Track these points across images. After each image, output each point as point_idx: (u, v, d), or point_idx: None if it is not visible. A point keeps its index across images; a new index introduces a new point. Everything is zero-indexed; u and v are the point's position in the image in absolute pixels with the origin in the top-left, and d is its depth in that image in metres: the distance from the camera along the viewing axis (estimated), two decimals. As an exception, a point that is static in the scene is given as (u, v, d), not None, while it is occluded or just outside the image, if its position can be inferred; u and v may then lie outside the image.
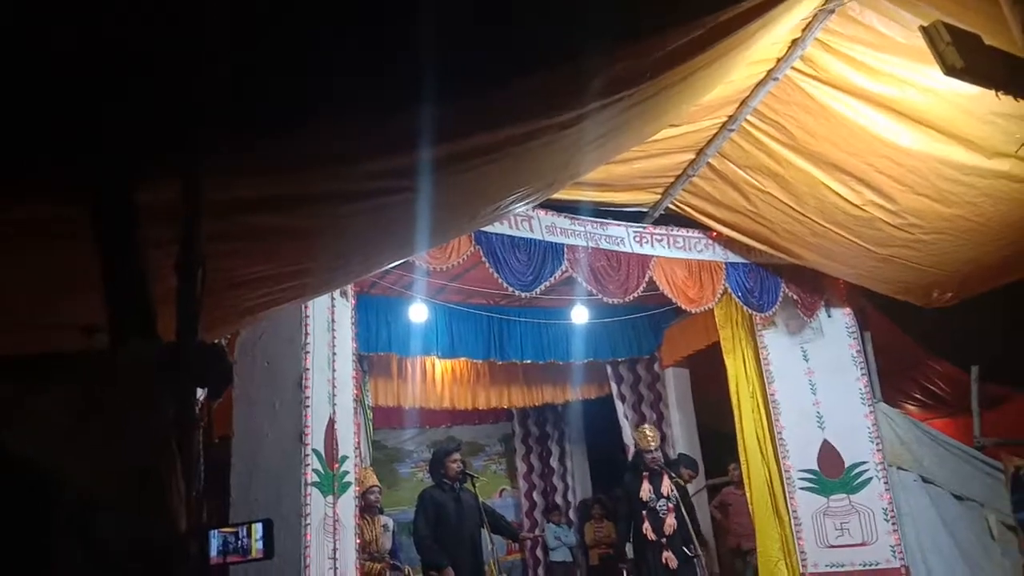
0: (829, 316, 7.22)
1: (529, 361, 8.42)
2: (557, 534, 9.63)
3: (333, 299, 5.30)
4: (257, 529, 1.57)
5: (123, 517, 1.44)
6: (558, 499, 10.71)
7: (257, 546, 1.56)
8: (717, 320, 7.35)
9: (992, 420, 7.67)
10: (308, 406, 4.70)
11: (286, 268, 2.84)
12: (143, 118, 1.73)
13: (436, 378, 8.95)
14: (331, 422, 5.01)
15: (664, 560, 6.19)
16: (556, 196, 5.53)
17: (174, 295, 1.86)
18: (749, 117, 5.22)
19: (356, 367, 5.79)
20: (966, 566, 6.58)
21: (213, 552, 1.55)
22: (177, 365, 1.67)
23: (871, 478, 6.74)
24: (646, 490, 6.42)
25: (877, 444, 6.78)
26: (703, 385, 8.78)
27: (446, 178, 2.69)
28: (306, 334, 4.85)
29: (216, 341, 2.13)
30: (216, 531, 1.57)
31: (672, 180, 6.15)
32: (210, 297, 1.97)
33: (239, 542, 1.55)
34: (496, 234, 5.68)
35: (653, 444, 6.58)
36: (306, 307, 4.85)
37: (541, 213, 5.95)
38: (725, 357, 7.36)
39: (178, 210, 1.90)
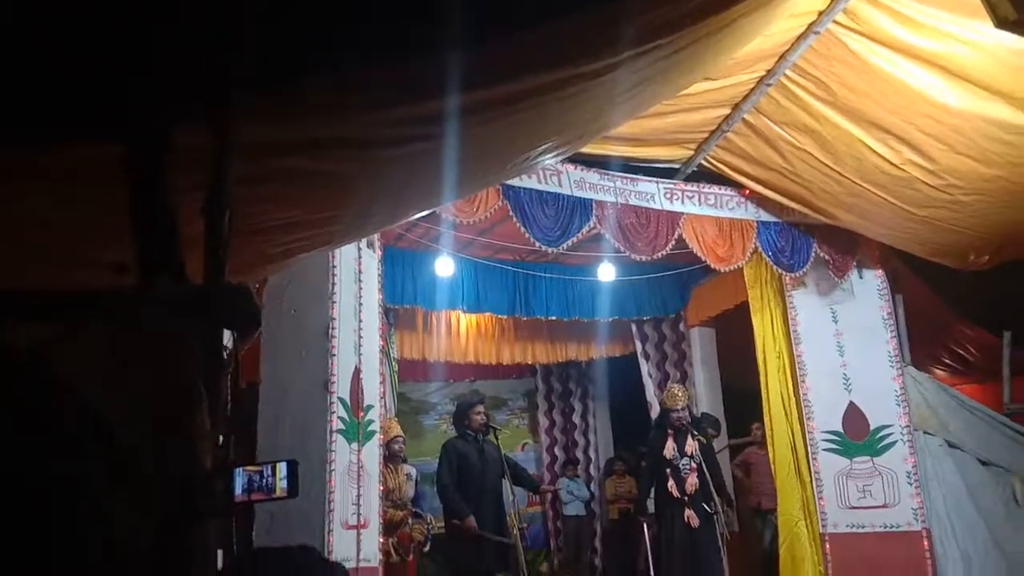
0: (861, 277, 7.11)
1: (554, 317, 8.41)
2: (571, 488, 9.74)
3: (360, 250, 5.31)
4: (282, 468, 1.59)
5: (152, 453, 1.45)
6: (579, 455, 10.81)
7: (282, 485, 1.58)
8: (746, 279, 7.27)
9: (1022, 386, 7.58)
10: (334, 355, 4.74)
11: (315, 215, 2.84)
12: (177, 58, 1.71)
13: (461, 332, 8.99)
14: (357, 371, 5.05)
15: (687, 519, 6.23)
16: (585, 150, 5.46)
17: (202, 239, 1.87)
18: (788, 72, 5.08)
19: (382, 319, 5.83)
20: (988, 530, 6.55)
21: (238, 490, 1.57)
22: (205, 305, 1.68)
23: (896, 441, 6.69)
24: (670, 448, 6.45)
25: (904, 407, 6.72)
26: (728, 345, 8.73)
27: (475, 127, 2.65)
28: (333, 284, 4.88)
29: (240, 283, 2.13)
30: (241, 470, 1.58)
31: (706, 136, 6.03)
32: (237, 241, 1.97)
33: (264, 480, 1.57)
34: (524, 188, 5.63)
35: (680, 403, 6.59)
36: (333, 257, 4.86)
37: (570, 168, 5.88)
38: (753, 317, 7.29)
39: (205, 152, 1.90)
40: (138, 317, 1.68)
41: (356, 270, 5.26)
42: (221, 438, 1.75)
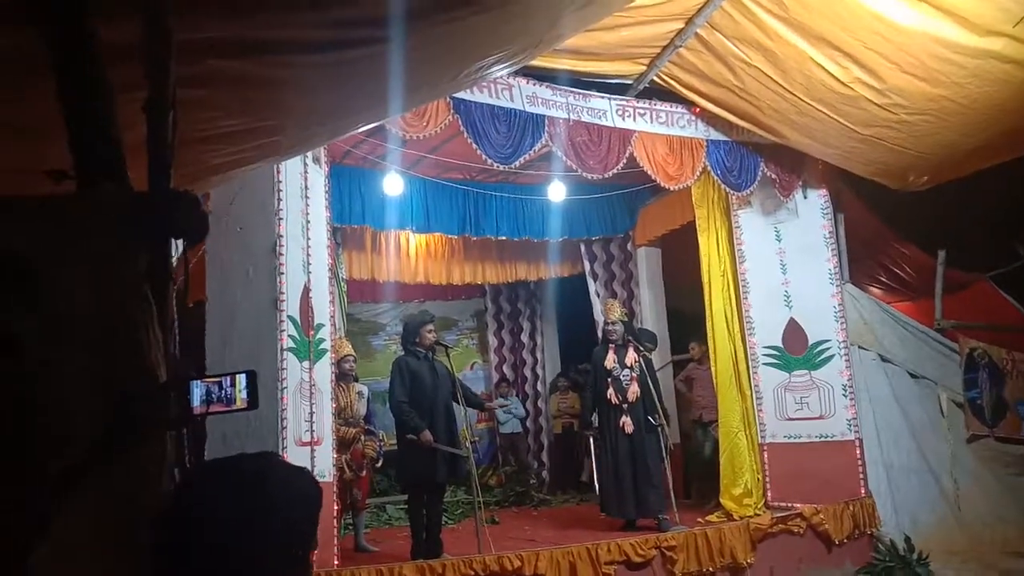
0: (805, 197, 7.24)
1: (504, 237, 8.41)
2: (505, 406, 9.94)
3: (306, 165, 5.16)
4: (241, 379, 1.55)
5: (101, 365, 1.40)
6: (527, 373, 10.99)
7: (241, 396, 1.54)
8: (694, 199, 7.32)
9: (952, 304, 7.91)
10: (282, 273, 4.66)
11: (256, 123, 2.72)
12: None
13: (410, 252, 8.92)
14: (306, 290, 4.98)
15: (621, 424, 6.43)
16: (537, 63, 5.35)
17: (144, 143, 1.77)
18: (741, -15, 5.01)
19: (330, 238, 5.72)
20: (914, 440, 6.94)
21: (195, 401, 1.53)
22: (150, 212, 1.60)
23: (833, 355, 6.96)
24: (611, 359, 6.64)
25: (841, 323, 6.96)
26: (674, 265, 8.86)
27: (426, 30, 2.55)
28: (279, 201, 4.74)
29: (186, 189, 2.05)
30: (199, 381, 1.54)
31: (659, 50, 5.94)
32: (180, 150, 1.88)
33: (223, 392, 1.53)
34: (475, 102, 5.51)
35: (613, 316, 6.79)
36: (278, 172, 4.71)
37: (522, 81, 5.76)
38: (699, 236, 7.38)
39: (146, 50, 1.79)
40: (78, 221, 1.60)
41: (302, 186, 5.12)
42: (172, 348, 1.71)
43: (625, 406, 6.50)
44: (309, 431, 4.78)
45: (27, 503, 1.25)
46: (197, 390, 1.55)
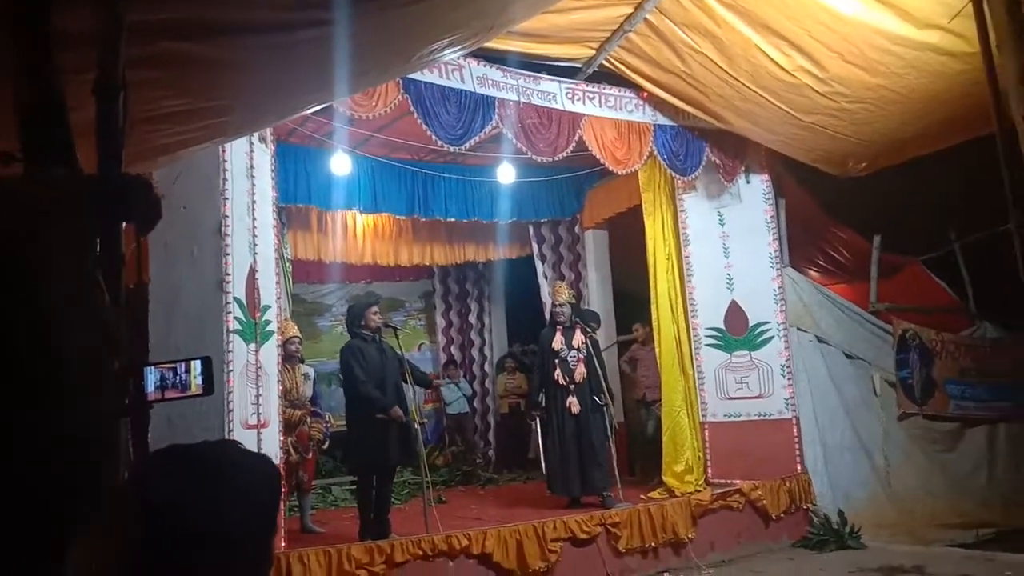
0: (748, 182, 7.40)
1: (453, 219, 8.38)
2: (451, 388, 9.98)
3: (252, 144, 5.06)
4: (196, 366, 1.54)
5: (55, 353, 1.38)
6: (475, 353, 11.03)
7: (197, 382, 1.53)
8: (640, 183, 7.41)
9: (886, 287, 8.21)
10: (228, 254, 4.57)
11: (203, 103, 2.68)
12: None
13: (357, 233, 8.83)
14: (252, 271, 4.90)
15: (568, 404, 6.53)
16: (487, 45, 5.31)
17: (92, 127, 1.73)
18: (690, -28, 5.07)
19: (276, 218, 5.64)
20: (847, 418, 7.21)
21: (150, 387, 1.52)
22: (102, 196, 1.57)
23: (772, 337, 7.16)
24: (558, 340, 6.72)
25: (781, 305, 7.16)
26: (620, 247, 8.98)
27: (377, 14, 2.53)
28: (224, 180, 4.65)
29: (138, 173, 2.01)
30: (153, 367, 1.53)
31: (608, 35, 5.98)
32: (128, 130, 1.84)
33: (177, 378, 1.52)
34: (425, 83, 5.46)
35: (561, 298, 6.87)
36: (223, 152, 4.62)
37: (472, 63, 5.73)
38: (645, 219, 7.49)
39: (93, 33, 1.74)
40: (26, 205, 1.56)
41: (248, 165, 5.03)
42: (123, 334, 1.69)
43: (572, 387, 6.59)
44: (256, 414, 4.73)
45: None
46: (151, 376, 1.54)
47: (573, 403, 6.55)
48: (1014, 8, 3.36)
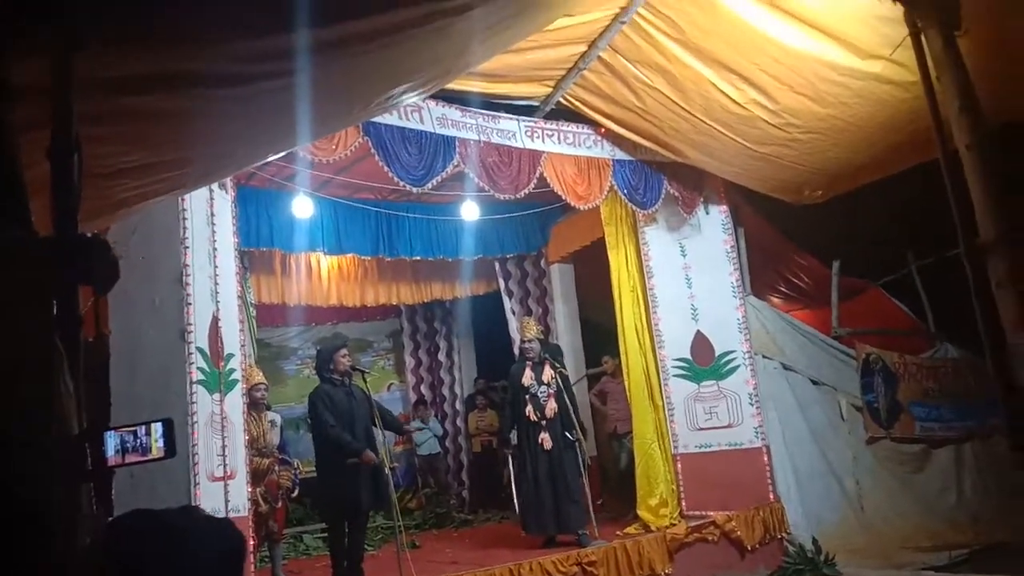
0: (707, 213, 7.52)
1: (418, 257, 8.37)
2: (423, 427, 9.90)
3: (212, 192, 5.03)
4: (157, 428, 1.52)
5: (8, 421, 1.35)
6: (445, 392, 10.96)
7: (158, 444, 1.51)
8: (603, 217, 7.49)
9: (848, 311, 8.35)
10: (190, 303, 4.52)
11: (163, 157, 2.67)
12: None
13: (322, 275, 8.78)
14: (215, 319, 4.85)
15: (540, 440, 6.50)
16: (447, 86, 5.37)
17: (46, 184, 1.72)
18: (641, 10, 5.18)
19: (238, 264, 5.59)
20: (816, 444, 7.27)
21: (110, 452, 1.49)
22: (58, 259, 1.55)
23: (739, 365, 7.22)
24: (528, 376, 6.69)
25: (745, 334, 7.24)
26: (586, 281, 9.04)
27: (335, 62, 2.56)
28: (184, 228, 4.62)
29: (95, 233, 1.98)
30: (112, 431, 1.50)
31: (564, 73, 6.08)
32: (83, 186, 1.82)
33: (138, 441, 1.49)
34: (385, 125, 5.49)
35: (530, 333, 6.86)
36: (183, 200, 4.59)
37: (432, 104, 5.78)
38: (609, 253, 7.55)
39: (47, 90, 1.73)
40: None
41: (208, 212, 4.99)
42: (81, 397, 1.65)
43: (544, 423, 6.55)
44: (222, 465, 4.64)
45: None
46: (112, 441, 1.51)
47: (545, 439, 6.51)
48: (950, 41, 3.49)
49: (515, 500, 6.94)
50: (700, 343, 7.41)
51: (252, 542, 5.21)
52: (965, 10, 3.73)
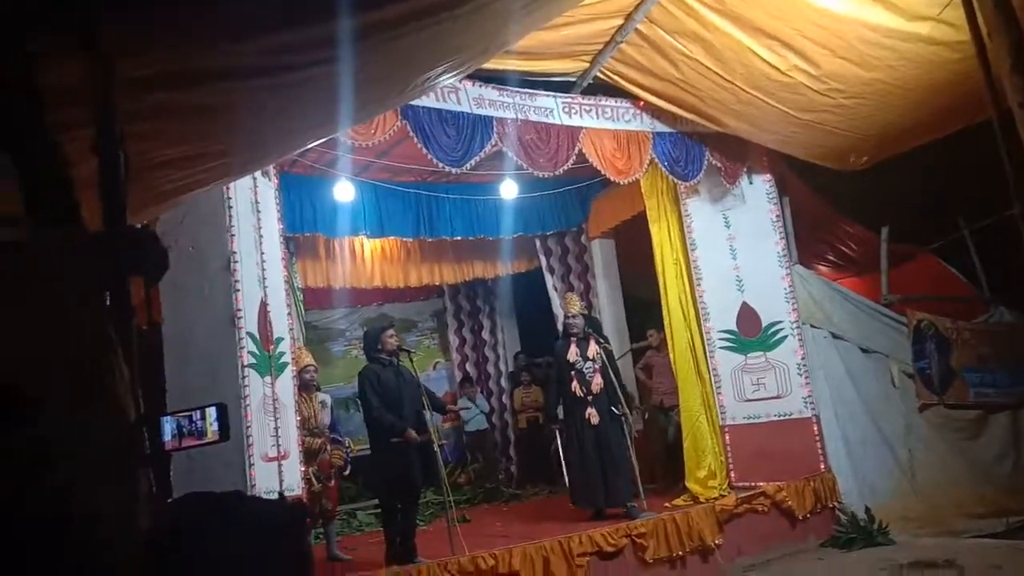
0: (751, 183, 7.39)
1: (459, 237, 8.42)
2: (469, 405, 10.00)
3: (255, 179, 5.12)
4: (211, 413, 1.57)
5: (70, 413, 1.41)
6: (490, 369, 11.03)
7: (212, 428, 1.56)
8: (643, 190, 7.43)
9: (897, 278, 8.17)
10: (238, 290, 4.62)
11: (205, 148, 2.72)
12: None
13: (365, 257, 8.88)
14: (263, 304, 4.95)
15: (587, 416, 6.52)
16: (483, 66, 5.37)
17: (94, 180, 1.77)
18: (678, -21, 5.10)
19: (283, 249, 5.69)
20: (868, 413, 7.15)
21: (167, 436, 1.55)
22: (109, 252, 1.61)
23: (786, 336, 7.12)
24: (573, 352, 6.71)
25: (793, 304, 7.13)
26: (628, 255, 8.98)
27: (373, 48, 2.57)
28: (230, 216, 4.71)
29: (144, 225, 2.04)
30: (169, 416, 1.56)
31: (601, 47, 6.02)
32: (129, 180, 1.88)
33: (193, 425, 1.55)
34: (423, 107, 5.51)
35: (573, 309, 6.88)
36: (228, 189, 4.67)
37: (468, 85, 5.78)
38: (650, 226, 7.49)
39: (87, 90, 1.78)
40: (34, 267, 1.59)
41: (253, 200, 5.08)
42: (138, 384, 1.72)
43: (590, 398, 6.57)
44: (275, 446, 4.76)
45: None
46: (168, 426, 1.57)
47: (592, 414, 6.53)
48: (1001, -2, 3.37)
49: (565, 473, 6.99)
50: (746, 314, 7.33)
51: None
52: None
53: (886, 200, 8.15)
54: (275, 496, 4.42)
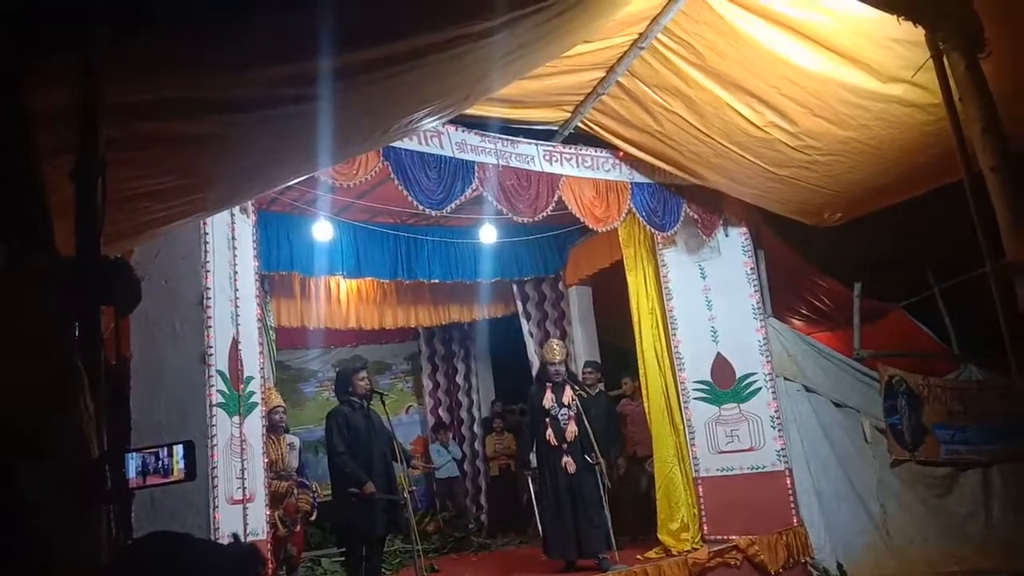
0: (726, 235, 7.49)
1: (436, 280, 8.40)
2: (441, 452, 9.88)
3: (233, 216, 5.07)
4: (178, 450, 1.52)
5: (32, 443, 1.36)
6: (463, 414, 10.92)
7: (179, 466, 1.51)
8: (621, 239, 7.49)
9: (870, 333, 8.26)
10: (210, 326, 4.54)
11: (186, 181, 2.70)
12: (29, 13, 1.57)
13: (341, 298, 8.81)
14: (235, 342, 4.87)
15: (564, 464, 6.44)
16: (466, 112, 5.42)
17: (71, 207, 1.74)
18: (659, 35, 5.21)
19: (258, 287, 5.63)
20: (840, 467, 7.16)
21: (131, 473, 1.49)
22: (80, 281, 1.57)
23: (760, 388, 7.15)
24: (548, 399, 6.64)
25: (766, 356, 7.17)
26: (604, 303, 9.01)
27: (357, 88, 2.59)
28: (205, 252, 4.65)
29: (117, 256, 2.01)
30: (134, 453, 1.50)
31: (582, 98, 6.12)
32: (106, 210, 1.85)
33: (160, 463, 1.50)
34: (405, 150, 5.53)
35: (558, 357, 6.77)
36: (205, 224, 4.62)
37: (451, 129, 5.82)
38: (627, 275, 7.54)
39: (71, 116, 1.76)
40: (6, 296, 1.55)
41: (229, 236, 5.03)
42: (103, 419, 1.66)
43: (564, 446, 6.49)
44: (241, 488, 4.64)
45: None
46: (133, 462, 1.51)
47: (568, 463, 6.44)
48: (973, 63, 3.47)
49: (538, 523, 6.87)
50: (721, 365, 7.35)
51: (271, 566, 5.20)
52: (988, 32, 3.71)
53: (859, 256, 8.28)
54: (229, 539, 4.28)
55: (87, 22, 1.60)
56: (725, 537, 6.69)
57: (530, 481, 7.02)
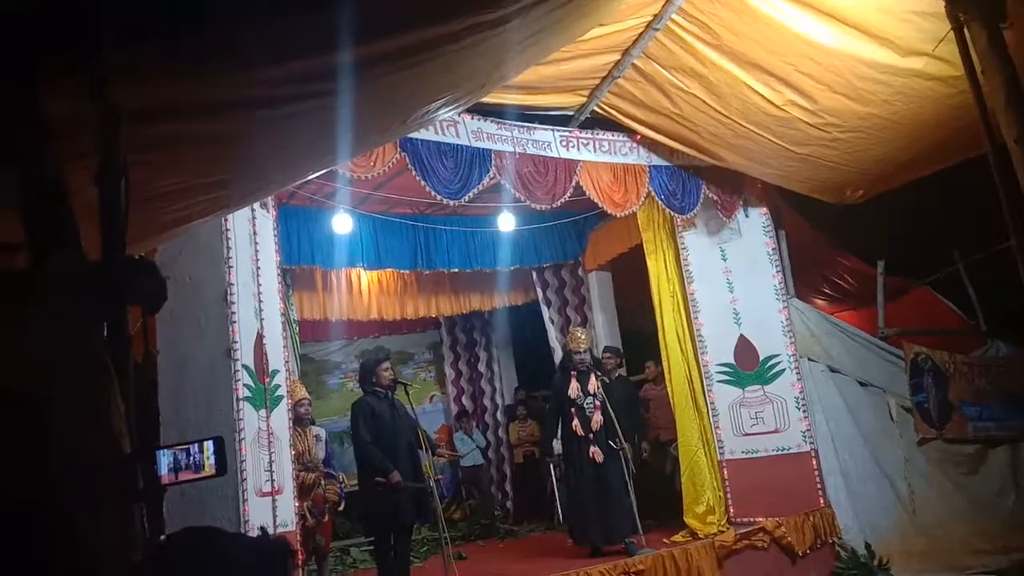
0: (747, 216, 7.42)
1: (456, 269, 8.42)
2: (464, 440, 9.93)
3: (254, 211, 5.11)
4: (209, 446, 1.54)
5: (67, 442, 1.38)
6: (486, 402, 10.96)
7: (210, 462, 1.53)
8: (640, 223, 7.45)
9: (893, 311, 8.16)
10: (235, 321, 4.59)
11: (206, 179, 2.72)
12: (46, 20, 1.58)
13: (362, 289, 8.86)
14: (259, 337, 4.92)
15: (591, 454, 6.44)
16: (481, 100, 5.41)
17: (95, 209, 1.76)
18: (674, 16, 5.16)
19: (280, 282, 5.67)
20: (867, 446, 7.10)
21: (163, 470, 1.51)
22: (107, 281, 1.59)
23: (784, 369, 7.10)
24: (574, 388, 6.61)
25: (790, 337, 7.12)
26: (625, 288, 8.99)
27: (374, 81, 2.59)
28: (228, 248, 4.69)
29: (141, 256, 2.03)
30: (165, 449, 1.53)
31: (598, 82, 6.08)
32: (129, 211, 1.87)
33: (191, 459, 1.52)
34: (422, 140, 5.54)
35: (583, 345, 6.73)
36: (226, 221, 4.67)
37: (467, 118, 5.82)
38: (647, 259, 7.51)
39: (91, 120, 1.78)
40: (33, 294, 1.57)
41: (251, 232, 5.08)
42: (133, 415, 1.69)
43: (591, 436, 6.48)
44: (269, 481, 4.70)
45: None
46: (164, 459, 1.54)
47: (596, 452, 6.42)
48: (995, 34, 3.41)
49: (559, 510, 6.89)
50: (744, 348, 7.31)
51: (300, 557, 5.26)
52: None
53: (882, 234, 8.19)
54: (258, 532, 4.35)
55: (105, 27, 1.61)
56: (751, 519, 6.67)
57: (552, 468, 7.02)
